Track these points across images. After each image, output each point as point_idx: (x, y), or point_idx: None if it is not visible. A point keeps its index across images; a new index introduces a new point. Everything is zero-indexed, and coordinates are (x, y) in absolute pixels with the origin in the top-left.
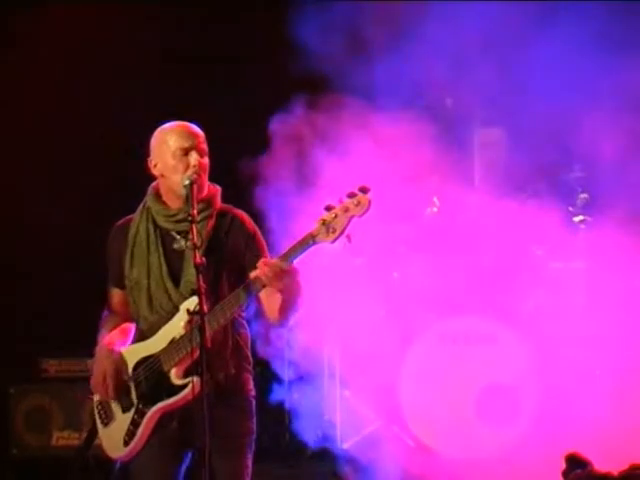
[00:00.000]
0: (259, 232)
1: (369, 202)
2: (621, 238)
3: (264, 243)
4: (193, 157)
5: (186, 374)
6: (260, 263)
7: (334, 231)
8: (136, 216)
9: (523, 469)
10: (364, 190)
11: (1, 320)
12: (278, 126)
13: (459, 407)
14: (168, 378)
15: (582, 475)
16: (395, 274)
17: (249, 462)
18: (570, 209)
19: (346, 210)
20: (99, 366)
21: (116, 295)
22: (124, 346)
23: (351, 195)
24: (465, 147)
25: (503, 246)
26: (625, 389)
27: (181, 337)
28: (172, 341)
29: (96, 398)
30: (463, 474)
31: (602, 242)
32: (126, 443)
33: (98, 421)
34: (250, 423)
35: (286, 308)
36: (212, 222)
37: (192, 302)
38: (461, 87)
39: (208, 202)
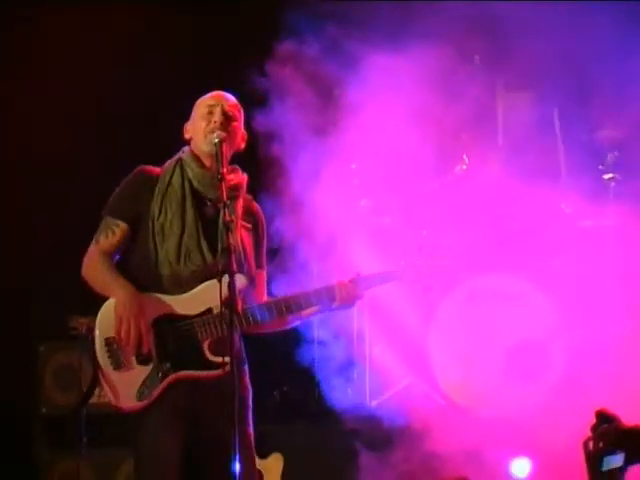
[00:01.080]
0: None
1: (455, 265)
2: None
3: None
4: (216, 114)
5: (215, 348)
6: (342, 284)
7: (420, 279)
8: (168, 168)
9: (553, 425)
10: (450, 246)
11: (31, 277)
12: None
13: (489, 364)
14: (201, 349)
15: (609, 429)
16: (424, 231)
17: (250, 421)
18: (600, 167)
19: (430, 267)
20: (129, 308)
21: (119, 230)
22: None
23: (442, 255)
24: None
25: (532, 204)
26: None
27: (221, 313)
28: (209, 311)
29: (103, 335)
30: (493, 431)
31: (632, 200)
32: (139, 397)
33: (107, 362)
34: (248, 384)
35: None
36: (242, 204)
37: (237, 277)
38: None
39: (237, 187)
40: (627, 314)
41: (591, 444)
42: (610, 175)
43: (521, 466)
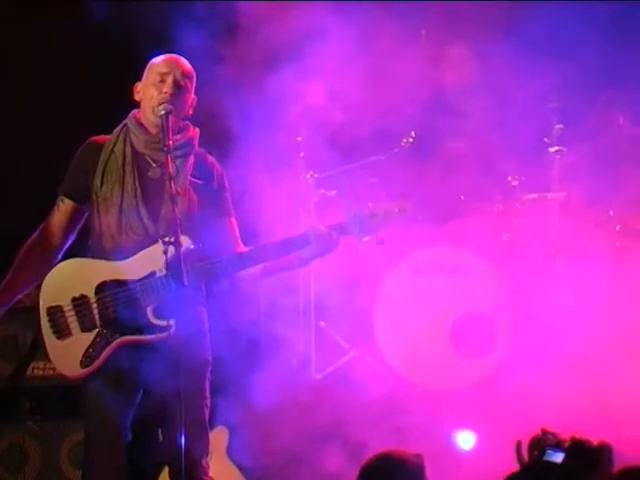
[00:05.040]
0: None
1: (412, 212)
2: (596, 169)
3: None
4: (167, 84)
5: (161, 311)
6: (315, 227)
7: (370, 231)
8: (113, 136)
9: (497, 398)
10: (405, 196)
11: None
12: None
13: (434, 338)
14: (144, 314)
15: (546, 439)
16: (369, 204)
17: (207, 393)
18: (545, 140)
19: (386, 213)
20: None
21: (64, 207)
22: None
23: (392, 199)
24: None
25: (478, 177)
26: (601, 318)
27: (164, 276)
28: (152, 274)
29: (46, 304)
30: (438, 404)
31: (577, 173)
32: (83, 364)
33: (49, 331)
34: (206, 355)
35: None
36: (192, 161)
37: (182, 240)
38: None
39: (188, 141)
40: (572, 287)
41: (525, 452)
42: (556, 148)
43: (466, 439)
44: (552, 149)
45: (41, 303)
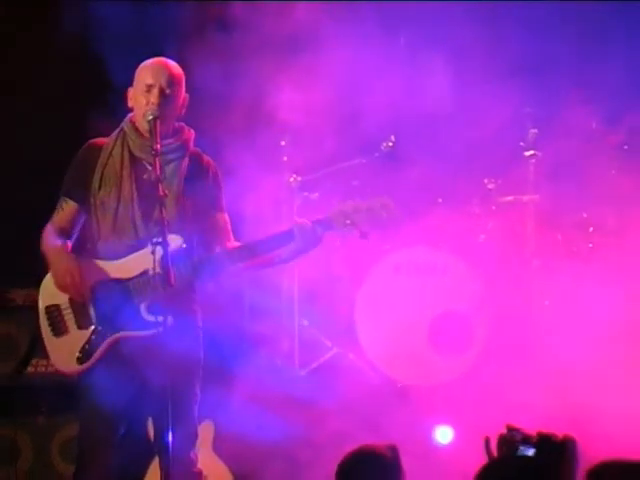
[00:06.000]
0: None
1: (393, 208)
2: (569, 172)
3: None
4: (153, 94)
5: (153, 309)
6: (301, 223)
7: (353, 226)
8: (111, 139)
9: (475, 395)
10: (392, 200)
11: None
12: None
13: (414, 335)
14: (138, 310)
15: (515, 436)
16: (352, 200)
17: (198, 391)
18: (521, 144)
19: (369, 209)
20: (62, 266)
21: (68, 208)
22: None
23: (377, 196)
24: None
25: (455, 180)
26: (575, 317)
27: (157, 274)
28: (145, 273)
29: (45, 303)
30: (418, 399)
31: (552, 176)
32: (80, 361)
33: (48, 329)
34: (198, 353)
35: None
36: (186, 163)
37: (173, 239)
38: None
39: (182, 144)
40: (547, 287)
41: (494, 448)
42: (531, 152)
43: (444, 433)
44: (527, 153)
45: (40, 302)
